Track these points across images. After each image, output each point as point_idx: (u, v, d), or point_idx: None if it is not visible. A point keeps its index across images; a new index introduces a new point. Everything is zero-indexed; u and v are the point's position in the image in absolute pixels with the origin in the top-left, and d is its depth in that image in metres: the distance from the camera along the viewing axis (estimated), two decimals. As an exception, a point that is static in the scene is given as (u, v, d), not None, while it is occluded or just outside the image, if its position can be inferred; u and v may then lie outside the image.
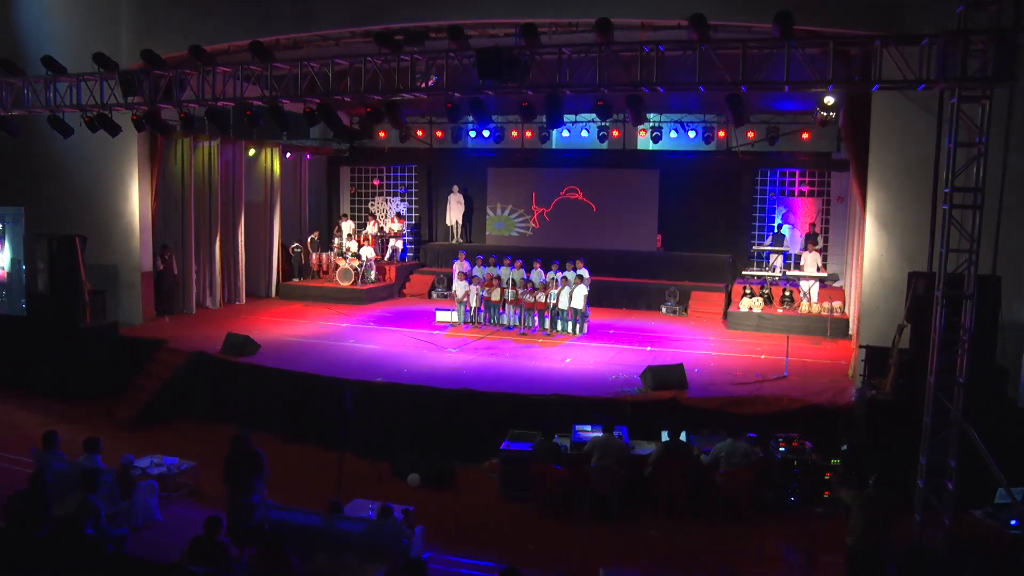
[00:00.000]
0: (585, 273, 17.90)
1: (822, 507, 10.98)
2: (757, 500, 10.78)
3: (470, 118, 23.44)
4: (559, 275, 18.09)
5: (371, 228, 23.74)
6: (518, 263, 18.90)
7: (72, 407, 14.76)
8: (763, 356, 15.71)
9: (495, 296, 18.06)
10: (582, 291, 17.36)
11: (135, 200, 17.25)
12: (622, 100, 10.48)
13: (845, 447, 10.80)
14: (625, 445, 10.76)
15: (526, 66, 9.66)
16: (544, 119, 11.33)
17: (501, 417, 12.30)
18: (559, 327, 17.74)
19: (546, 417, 11.92)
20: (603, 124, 22.95)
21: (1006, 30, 8.20)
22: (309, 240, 22.78)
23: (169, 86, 11.73)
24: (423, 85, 10.20)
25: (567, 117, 23.30)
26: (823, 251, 20.91)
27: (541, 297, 17.60)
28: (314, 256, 22.57)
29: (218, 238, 19.78)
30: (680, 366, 12.96)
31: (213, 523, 7.86)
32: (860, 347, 12.40)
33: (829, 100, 10.30)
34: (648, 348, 16.36)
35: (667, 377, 12.71)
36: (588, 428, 11.44)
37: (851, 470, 10.83)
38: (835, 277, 20.64)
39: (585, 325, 17.72)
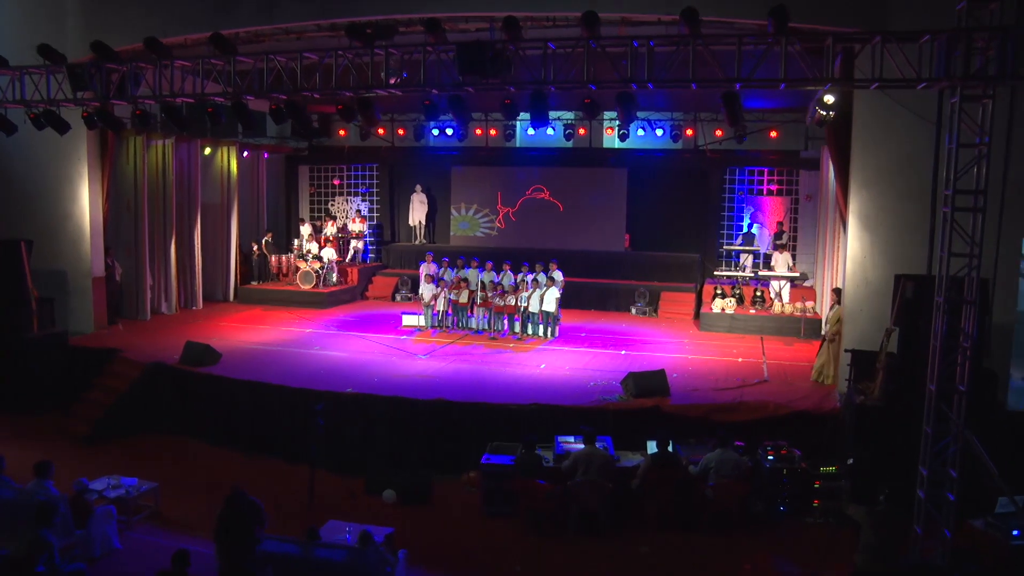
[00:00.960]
0: (558, 275, 17.48)
1: (812, 517, 10.70)
2: (747, 511, 10.45)
3: (441, 117, 23.05)
4: (529, 277, 17.63)
5: (330, 229, 23.01)
6: (488, 265, 18.37)
7: (19, 424, 13.86)
8: (740, 359, 15.44)
9: (463, 299, 17.53)
10: (554, 293, 16.92)
11: (85, 201, 16.33)
12: (607, 98, 10.01)
13: (851, 460, 10.34)
14: (610, 457, 10.34)
15: (509, 61, 9.14)
16: (505, 117, 10.71)
17: (478, 428, 11.81)
18: (530, 331, 17.28)
19: (526, 428, 11.47)
20: (570, 122, 22.58)
21: (1009, 28, 7.94)
22: (264, 242, 21.97)
23: (123, 81, 10.93)
24: (396, 81, 9.60)
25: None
26: (791, 250, 20.79)
27: (511, 300, 17.12)
28: (272, 258, 21.80)
29: (173, 240, 18.92)
30: (662, 372, 12.60)
31: (181, 558, 7.24)
32: (845, 351, 12.14)
33: (829, 99, 9.92)
34: (623, 352, 16.00)
35: (649, 384, 12.33)
36: (571, 439, 10.98)
37: (849, 480, 10.58)
38: (805, 277, 20.52)
39: (556, 329, 17.29)
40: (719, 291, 19.63)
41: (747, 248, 20.90)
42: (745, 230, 21.62)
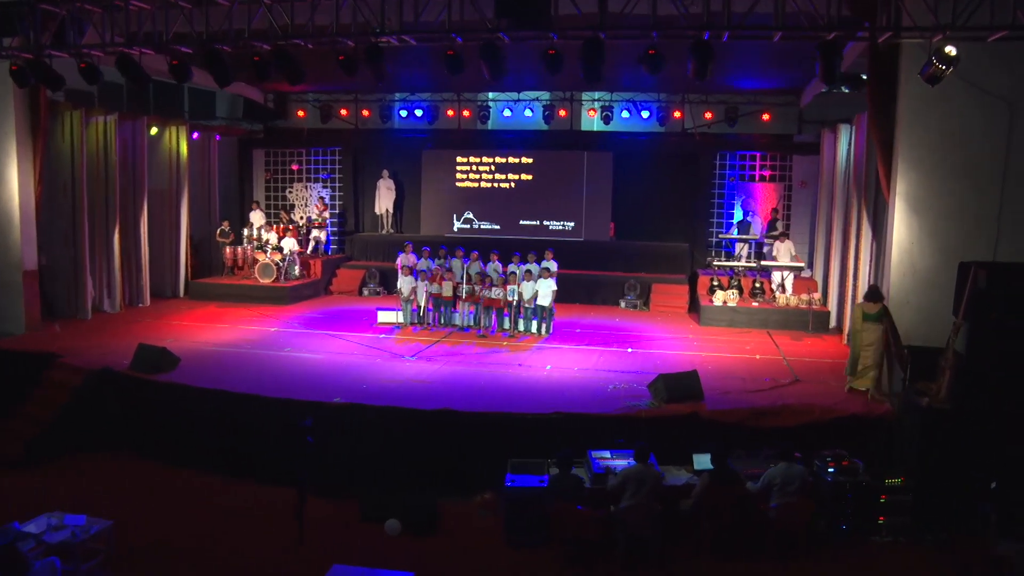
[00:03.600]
0: (553, 266, 15.94)
1: (879, 535, 9.38)
2: (810, 531, 9.06)
3: (406, 94, 21.29)
4: (521, 267, 16.05)
5: (291, 218, 21.10)
6: (473, 254, 16.75)
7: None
8: (758, 356, 14.13)
9: (447, 292, 15.86)
10: (550, 286, 15.38)
11: (14, 184, 14.14)
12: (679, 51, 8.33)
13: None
14: (660, 476, 8.83)
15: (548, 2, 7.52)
16: (549, 71, 8.88)
17: (492, 442, 10.21)
18: (521, 327, 15.71)
19: (549, 441, 9.88)
20: (548, 103, 21.07)
21: None
22: (218, 231, 19.94)
23: (62, 26, 8.87)
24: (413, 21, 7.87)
25: (508, 95, 21.34)
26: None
27: (500, 293, 15.50)
28: (227, 250, 19.78)
29: (117, 230, 16.77)
30: (694, 374, 11.15)
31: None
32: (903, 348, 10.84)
33: (951, 50, 8.36)
34: (629, 350, 14.55)
35: (682, 387, 10.88)
36: (607, 455, 9.46)
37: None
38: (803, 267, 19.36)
39: (551, 324, 15.75)
40: (716, 283, 18.37)
41: (744, 237, 19.69)
42: (740, 217, 20.39)
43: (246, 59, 9.37)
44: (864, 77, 18.38)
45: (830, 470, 9.50)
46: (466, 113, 21.76)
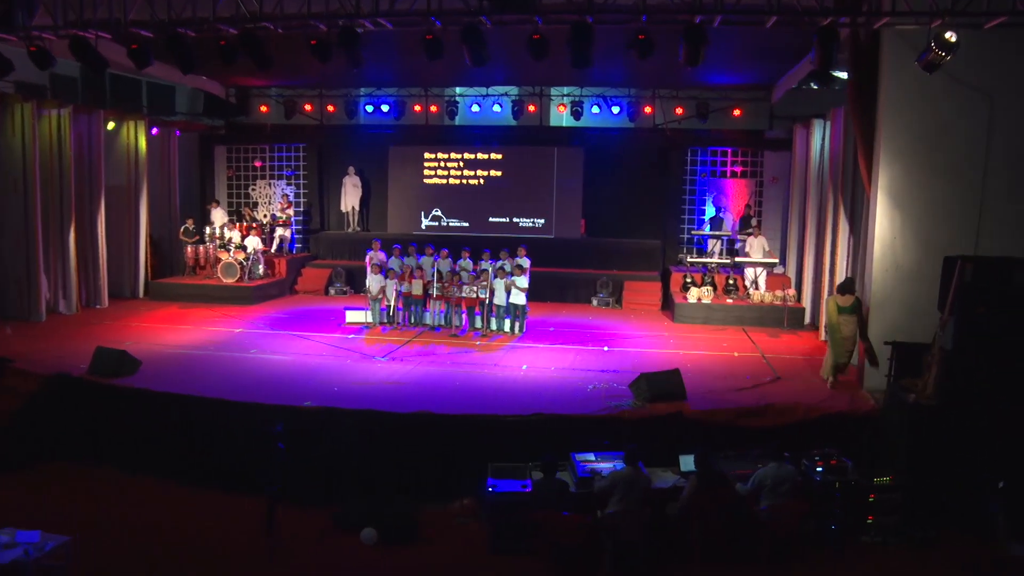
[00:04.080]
0: (526, 263, 15.59)
1: (868, 535, 9.18)
2: (800, 533, 8.84)
3: (372, 90, 20.78)
4: (493, 265, 15.69)
5: (255, 215, 20.48)
6: (443, 252, 16.34)
7: None
8: (736, 354, 13.94)
9: (416, 291, 15.44)
10: (523, 283, 15.03)
11: (-40, 180, 13.50)
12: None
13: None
14: (649, 479, 8.53)
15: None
16: (533, 57, 8.42)
17: (470, 446, 9.84)
18: (493, 326, 15.36)
19: (530, 444, 9.55)
20: (517, 98, 20.73)
21: None
22: (183, 229, 19.28)
23: (10, 6, 8.26)
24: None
25: (477, 90, 20.96)
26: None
27: (472, 292, 15.12)
28: (188, 249, 19.13)
29: (72, 228, 16.07)
30: (676, 373, 10.89)
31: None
32: (885, 343, 10.68)
33: (951, 36, 8.09)
34: (605, 348, 14.28)
35: (664, 386, 10.62)
36: (591, 457, 9.15)
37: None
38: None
39: (524, 323, 15.41)
40: (689, 279, 18.19)
41: (716, 233, 19.56)
42: (712, 213, 20.24)
43: (210, 48, 8.88)
44: (834, 74, 18.41)
45: (819, 469, 9.29)
46: (433, 108, 21.35)
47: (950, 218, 10.97)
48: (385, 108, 21.33)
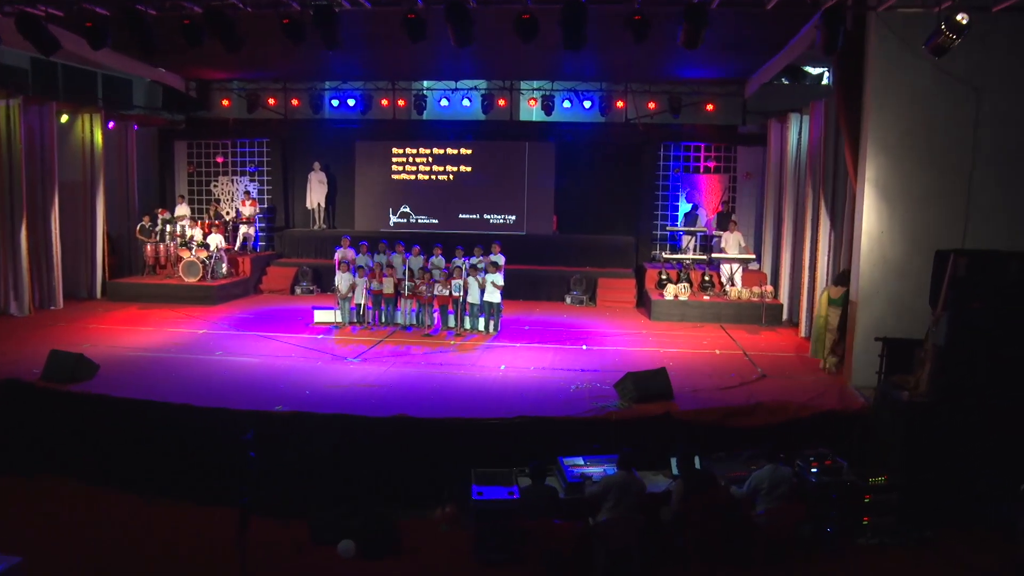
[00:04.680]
0: (500, 259, 15.18)
1: (865, 537, 8.92)
2: (796, 536, 8.55)
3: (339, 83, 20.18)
4: (466, 262, 15.25)
5: (219, 212, 19.80)
6: (415, 249, 15.86)
7: None
8: (718, 351, 13.67)
9: (387, 289, 14.94)
10: (498, 281, 14.61)
11: (-98, 174, 12.70)
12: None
13: None
14: (643, 484, 8.17)
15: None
16: (522, 39, 7.93)
17: (451, 450, 9.40)
18: (467, 324, 14.91)
19: (514, 447, 9.17)
20: (487, 92, 20.31)
21: None
22: (139, 227, 18.52)
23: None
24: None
25: (445, 84, 20.50)
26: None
27: (443, 289, 14.66)
28: (147, 247, 18.38)
29: (24, 225, 15.27)
30: (663, 371, 10.55)
31: None
32: (876, 339, 10.45)
33: (963, 18, 7.79)
34: (584, 347, 13.92)
35: (651, 386, 10.27)
36: (580, 461, 8.77)
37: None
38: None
39: (499, 322, 15.00)
40: (665, 276, 17.91)
41: (691, 229, 19.32)
42: (687, 209, 20.01)
43: (172, 28, 8.30)
44: (806, 69, 18.25)
45: (813, 470, 9.01)
46: (401, 102, 20.86)
47: (937, 211, 10.79)
48: (351, 102, 20.78)
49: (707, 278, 17.68)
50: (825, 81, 19.94)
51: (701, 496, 8.06)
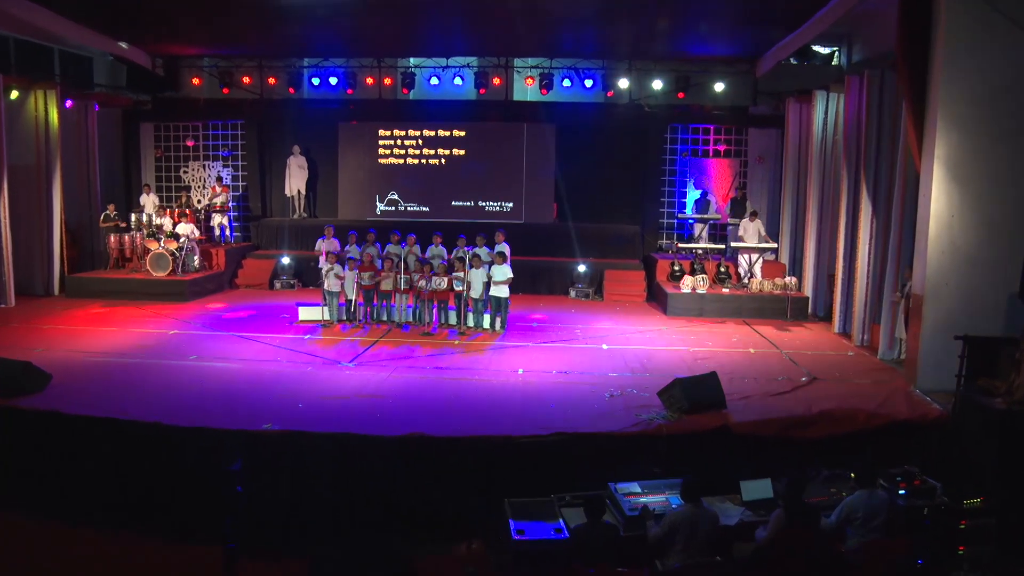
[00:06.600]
0: (506, 249, 13.76)
1: (961, 570, 7.61)
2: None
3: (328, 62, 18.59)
4: (469, 252, 13.81)
5: (189, 199, 18.14)
6: (410, 238, 14.38)
7: None
8: (752, 350, 12.36)
9: (385, 285, 13.46)
10: (504, 273, 13.19)
11: None
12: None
13: None
14: (716, 517, 6.77)
15: None
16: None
17: (475, 475, 7.97)
18: (471, 322, 13.47)
19: (551, 470, 7.76)
20: (480, 70, 18.81)
21: None
22: (103, 216, 16.83)
23: None
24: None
25: (435, 61, 18.97)
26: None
27: (444, 284, 13.20)
28: (111, 238, 16.69)
29: (-32, 213, 13.62)
30: (713, 376, 9.17)
31: None
32: (956, 338, 9.16)
33: None
34: (604, 346, 12.55)
35: (702, 394, 8.88)
36: (637, 488, 7.37)
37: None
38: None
39: (507, 318, 13.58)
40: (677, 267, 16.61)
41: (704, 216, 18.02)
42: (698, 195, 18.68)
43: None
44: (815, 49, 16.95)
45: (901, 492, 7.70)
46: (387, 81, 19.28)
47: (1018, 192, 9.53)
48: (333, 80, 19.18)
49: (723, 269, 16.40)
50: (835, 62, 18.70)
51: (799, 533, 6.67)
